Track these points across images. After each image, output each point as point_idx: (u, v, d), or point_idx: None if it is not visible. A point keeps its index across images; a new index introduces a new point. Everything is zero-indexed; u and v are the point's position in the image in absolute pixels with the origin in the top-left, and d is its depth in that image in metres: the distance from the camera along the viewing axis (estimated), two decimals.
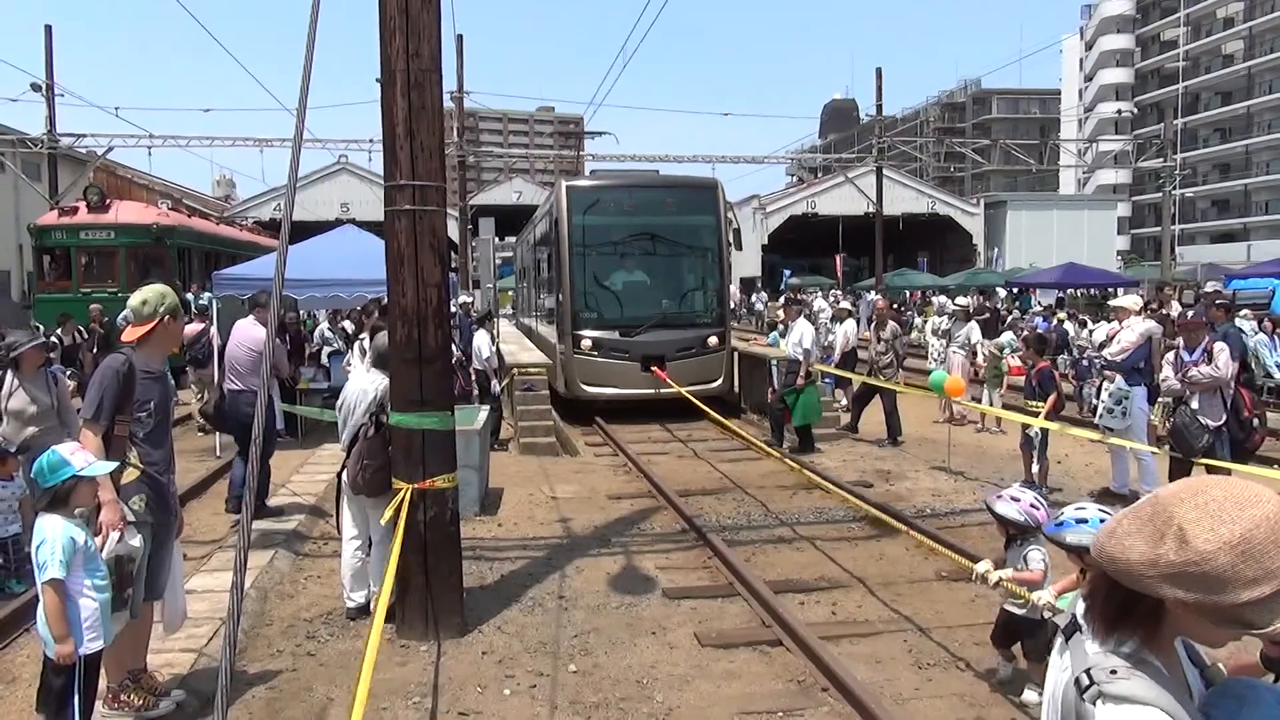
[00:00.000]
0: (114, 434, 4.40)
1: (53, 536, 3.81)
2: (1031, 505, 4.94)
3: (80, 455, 3.98)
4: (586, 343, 14.36)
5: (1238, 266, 38.98)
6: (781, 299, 33.96)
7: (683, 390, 12.51)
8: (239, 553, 3.41)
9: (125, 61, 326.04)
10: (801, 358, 11.87)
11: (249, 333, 8.97)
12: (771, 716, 4.74)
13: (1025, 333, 13.02)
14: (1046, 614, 4.55)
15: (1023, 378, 10.74)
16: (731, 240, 15.30)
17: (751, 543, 7.92)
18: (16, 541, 6.44)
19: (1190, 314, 8.20)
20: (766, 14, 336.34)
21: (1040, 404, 9.48)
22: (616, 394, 14.31)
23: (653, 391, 13.88)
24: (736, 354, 15.42)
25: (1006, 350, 14.06)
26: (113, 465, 4.14)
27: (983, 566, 4.86)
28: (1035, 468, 9.57)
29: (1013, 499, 4.99)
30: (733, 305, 21.86)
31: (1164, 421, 10.36)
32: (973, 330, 14.72)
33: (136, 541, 4.33)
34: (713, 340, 14.76)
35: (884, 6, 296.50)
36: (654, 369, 13.89)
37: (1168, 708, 1.37)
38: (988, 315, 23.32)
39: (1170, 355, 7.85)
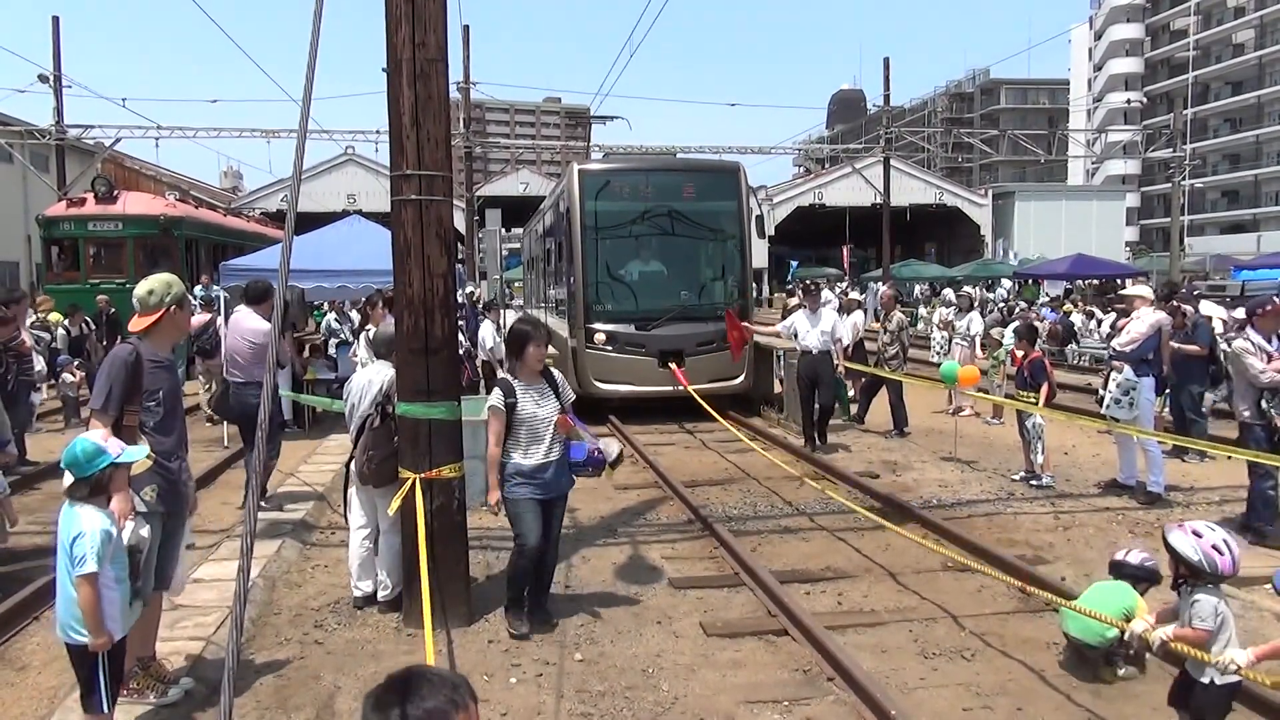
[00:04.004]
0: (124, 424, 4.42)
1: (90, 529, 3.80)
2: (1215, 547, 3.93)
3: (114, 442, 3.99)
4: (600, 336, 13.66)
5: (1247, 258, 38.81)
6: (788, 290, 34.00)
7: (698, 396, 11.70)
8: (245, 537, 3.42)
9: (132, 52, 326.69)
10: (834, 348, 11.51)
11: (247, 324, 8.60)
12: (777, 706, 4.75)
13: (1019, 323, 12.98)
14: (1221, 677, 3.77)
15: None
16: (754, 227, 14.69)
17: (758, 533, 7.93)
18: None
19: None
20: (774, 3, 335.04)
21: (1032, 394, 9.47)
22: (632, 391, 13.63)
23: (671, 389, 13.17)
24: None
25: (1008, 342, 14.02)
26: (144, 452, 4.14)
27: (1140, 626, 4.05)
28: (1040, 458, 9.55)
29: (1194, 533, 4.02)
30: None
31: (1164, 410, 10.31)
32: (973, 321, 14.68)
33: (146, 532, 4.35)
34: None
35: None
36: (672, 367, 13.11)
37: None
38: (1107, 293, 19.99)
39: (1246, 344, 7.55)
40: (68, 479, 4.01)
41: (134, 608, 4.28)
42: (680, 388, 12.73)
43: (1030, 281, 35.22)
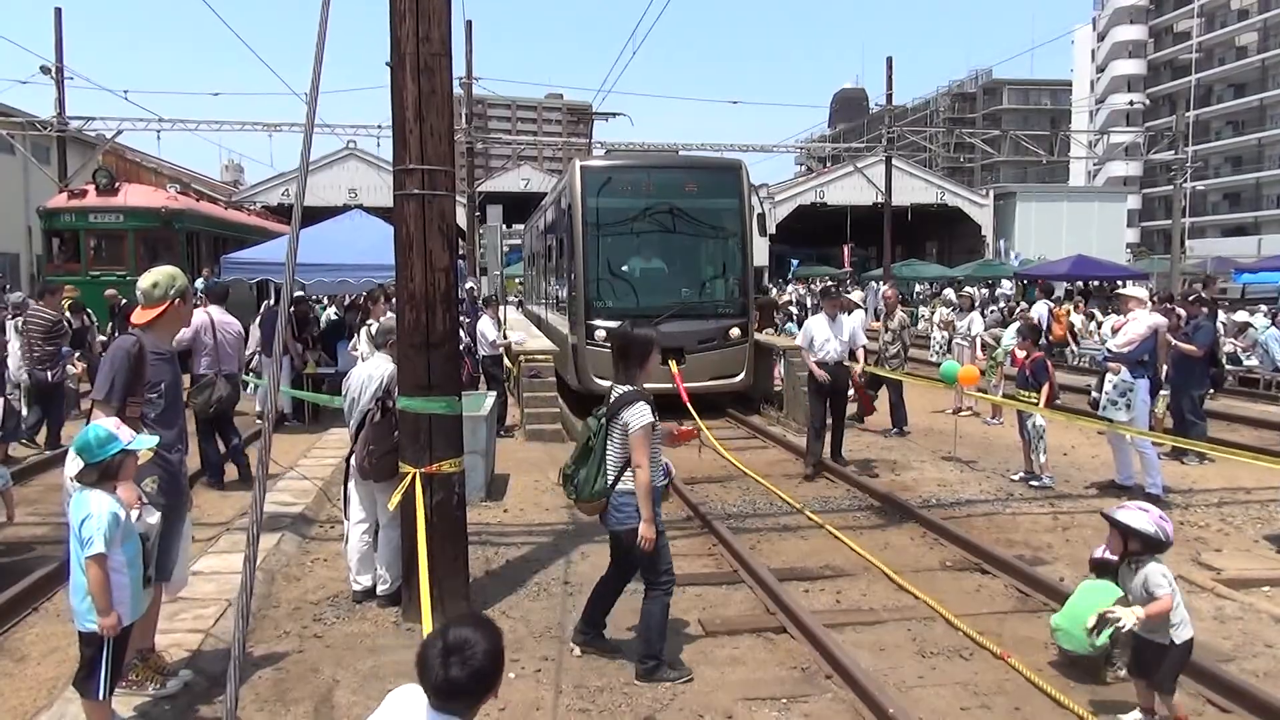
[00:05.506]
0: (126, 415, 4.43)
1: (98, 512, 3.85)
2: (1162, 518, 4.39)
3: (125, 430, 4.03)
4: (600, 333, 13.53)
5: (1248, 260, 38.78)
6: (789, 288, 34.02)
7: (690, 408, 11.17)
8: (251, 526, 3.42)
9: (135, 45, 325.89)
10: (859, 353, 10.56)
11: (226, 319, 9.39)
12: (775, 703, 4.75)
13: (1020, 322, 12.96)
14: (1180, 635, 4.28)
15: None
16: (755, 225, 14.64)
17: (756, 530, 7.93)
18: None
19: None
20: (777, 1, 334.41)
21: (1033, 394, 9.46)
22: None
23: (671, 386, 12.62)
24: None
25: (1007, 341, 14.01)
26: (154, 441, 4.18)
27: (1128, 620, 4.18)
28: (1043, 458, 9.55)
29: (1141, 509, 4.46)
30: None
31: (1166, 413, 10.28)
32: (974, 321, 14.68)
33: (154, 520, 4.37)
34: (735, 332, 14.01)
35: None
36: (672, 369, 12.61)
37: None
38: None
39: None
40: (75, 465, 4.03)
41: (146, 595, 4.30)
42: (684, 384, 12.61)
43: (1028, 283, 35.22)
